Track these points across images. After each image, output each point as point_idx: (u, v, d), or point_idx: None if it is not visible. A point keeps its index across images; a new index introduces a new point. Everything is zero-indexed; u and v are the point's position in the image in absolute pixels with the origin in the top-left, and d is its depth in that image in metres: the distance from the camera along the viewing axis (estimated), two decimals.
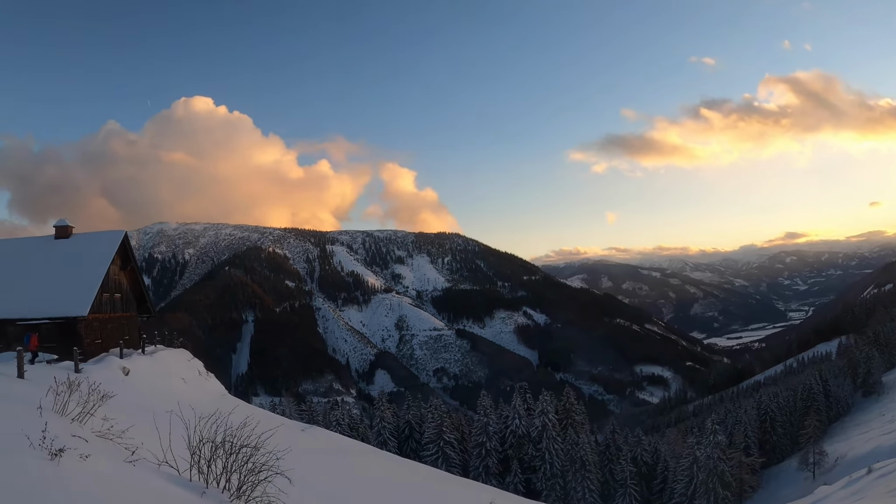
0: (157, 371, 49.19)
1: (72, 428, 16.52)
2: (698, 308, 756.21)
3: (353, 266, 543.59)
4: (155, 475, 15.25)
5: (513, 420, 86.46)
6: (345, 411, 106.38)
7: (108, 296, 52.54)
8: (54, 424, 14.65)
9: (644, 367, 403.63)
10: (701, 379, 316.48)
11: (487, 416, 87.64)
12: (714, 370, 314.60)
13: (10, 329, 47.62)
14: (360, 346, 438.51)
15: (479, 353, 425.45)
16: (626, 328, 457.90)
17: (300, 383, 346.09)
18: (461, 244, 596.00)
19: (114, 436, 17.89)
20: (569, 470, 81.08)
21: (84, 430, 16.95)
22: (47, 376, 30.48)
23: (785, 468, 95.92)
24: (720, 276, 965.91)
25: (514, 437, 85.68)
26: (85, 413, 18.88)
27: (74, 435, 14.74)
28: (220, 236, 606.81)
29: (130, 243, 58.01)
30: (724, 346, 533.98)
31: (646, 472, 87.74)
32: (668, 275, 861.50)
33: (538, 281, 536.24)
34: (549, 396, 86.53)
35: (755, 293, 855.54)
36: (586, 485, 79.91)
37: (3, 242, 61.69)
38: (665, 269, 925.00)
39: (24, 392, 24.14)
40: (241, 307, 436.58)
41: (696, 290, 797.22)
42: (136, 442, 17.65)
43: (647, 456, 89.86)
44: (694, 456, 74.64)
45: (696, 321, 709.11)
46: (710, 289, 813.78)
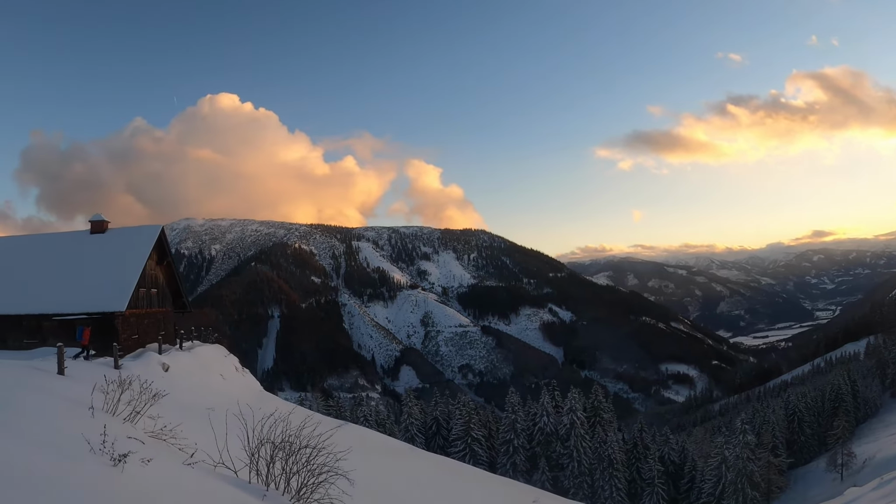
0: (196, 367, 48.90)
1: (125, 429, 16.54)
2: (724, 306, 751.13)
3: (378, 262, 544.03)
4: (214, 478, 15.27)
5: (541, 417, 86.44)
6: (371, 407, 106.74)
7: (145, 291, 51.88)
8: (109, 426, 14.38)
9: (669, 366, 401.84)
10: (727, 378, 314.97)
11: (515, 413, 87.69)
12: (740, 369, 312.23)
13: (45, 324, 47.37)
14: (386, 343, 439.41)
15: (504, 349, 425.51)
16: (652, 326, 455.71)
17: (325, 379, 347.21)
18: (487, 241, 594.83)
19: (167, 436, 17.96)
20: (596, 468, 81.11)
21: (137, 431, 16.97)
22: (87, 372, 30.76)
23: (812, 469, 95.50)
24: (747, 274, 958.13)
25: (541, 435, 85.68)
26: (136, 413, 18.93)
27: (130, 437, 14.69)
28: (246, 232, 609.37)
29: (167, 238, 57.20)
30: (750, 346, 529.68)
31: (673, 472, 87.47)
32: (695, 273, 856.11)
33: (564, 278, 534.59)
34: (577, 394, 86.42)
35: (782, 292, 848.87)
36: (614, 483, 79.90)
37: (38, 237, 61.72)
38: (691, 266, 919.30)
39: (69, 389, 23.65)
40: (267, 303, 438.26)
41: (723, 289, 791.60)
42: (189, 442, 17.82)
43: (675, 455, 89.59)
44: (722, 456, 74.26)
45: (722, 320, 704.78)
46: (736, 287, 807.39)
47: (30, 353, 40.76)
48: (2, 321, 48.58)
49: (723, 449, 75.11)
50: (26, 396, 19.01)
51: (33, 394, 19.96)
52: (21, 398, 18.39)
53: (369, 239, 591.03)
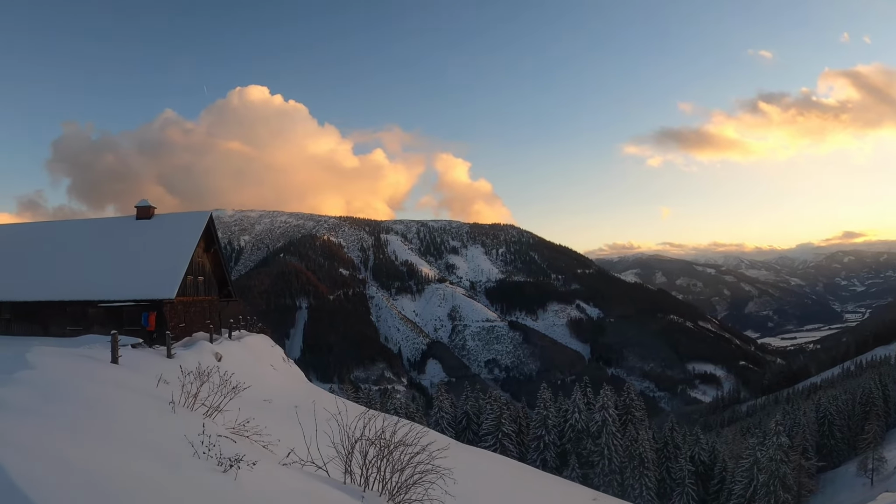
0: (248, 357, 47.82)
1: (209, 426, 15.36)
2: (753, 306, 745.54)
3: (407, 255, 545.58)
4: (314, 480, 14.87)
5: (572, 414, 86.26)
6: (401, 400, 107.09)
7: (192, 278, 50.60)
8: (197, 424, 14.26)
9: (697, 365, 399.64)
10: (754, 379, 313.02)
11: (547, 410, 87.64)
12: (768, 370, 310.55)
13: (90, 311, 46.43)
14: (413, 336, 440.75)
15: (531, 345, 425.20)
16: (680, 325, 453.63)
17: (352, 371, 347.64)
18: (515, 236, 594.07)
19: (248, 432, 17.61)
20: (627, 466, 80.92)
21: (220, 428, 16.46)
22: (142, 362, 30.80)
23: (842, 473, 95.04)
24: (776, 274, 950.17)
25: (573, 432, 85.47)
26: (214, 408, 18.38)
27: (220, 435, 14.04)
28: (275, 224, 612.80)
29: (215, 225, 56.07)
30: (778, 347, 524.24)
31: (702, 472, 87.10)
32: (723, 272, 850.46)
33: (592, 274, 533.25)
34: (609, 391, 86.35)
35: (811, 293, 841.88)
36: (644, 482, 79.81)
37: (83, 223, 60.68)
38: (720, 265, 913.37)
39: (131, 380, 23.10)
40: (295, 294, 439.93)
41: (751, 289, 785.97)
42: (270, 439, 17.68)
43: (705, 455, 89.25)
44: (755, 457, 73.79)
45: (750, 320, 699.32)
46: (765, 287, 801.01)
47: (74, 341, 38.80)
48: (45, 307, 47.81)
49: (755, 450, 74.58)
50: (95, 390, 17.73)
51: (100, 386, 18.77)
52: (91, 392, 17.11)
53: (398, 232, 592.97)
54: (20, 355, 20.01)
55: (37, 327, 47.98)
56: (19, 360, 18.88)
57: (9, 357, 19.91)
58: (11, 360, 19.12)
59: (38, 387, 14.94)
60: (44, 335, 46.54)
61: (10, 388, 13.56)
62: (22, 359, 19.20)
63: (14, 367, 17.54)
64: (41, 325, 47.99)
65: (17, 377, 15.47)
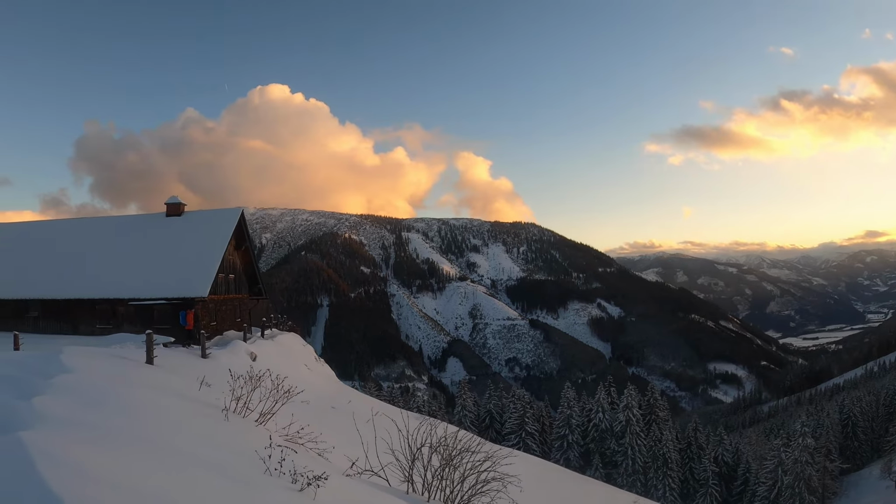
0: (282, 356, 46.62)
1: (263, 434, 15.32)
2: (775, 306, 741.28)
3: (428, 253, 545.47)
4: (374, 490, 14.15)
5: (596, 413, 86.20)
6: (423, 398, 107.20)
7: (223, 276, 50.07)
8: (251, 432, 14.22)
9: (718, 365, 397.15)
10: (776, 379, 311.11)
11: (570, 409, 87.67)
12: (790, 371, 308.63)
13: (120, 309, 46.27)
14: (434, 334, 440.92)
15: (551, 344, 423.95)
16: (701, 324, 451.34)
17: (373, 368, 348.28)
18: (536, 234, 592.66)
19: (302, 439, 16.92)
20: (650, 466, 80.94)
21: (275, 437, 15.44)
22: (178, 362, 30.45)
23: (865, 476, 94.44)
24: (798, 273, 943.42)
25: (596, 431, 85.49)
26: (266, 414, 17.79)
27: (278, 445, 13.13)
28: (296, 221, 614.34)
29: (246, 223, 55.59)
30: (800, 347, 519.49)
31: (726, 473, 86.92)
32: (745, 271, 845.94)
33: (613, 273, 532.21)
34: (633, 391, 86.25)
35: (833, 293, 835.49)
36: (667, 482, 79.79)
37: (112, 220, 60.07)
38: (742, 264, 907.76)
39: (171, 382, 22.67)
40: (316, 291, 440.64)
41: (773, 288, 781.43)
42: (324, 445, 17.18)
43: (728, 456, 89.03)
44: (779, 458, 73.64)
45: (771, 320, 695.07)
46: (787, 287, 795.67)
47: (105, 339, 38.93)
48: (74, 306, 47.86)
49: (780, 452, 74.38)
50: (138, 395, 16.80)
51: (142, 391, 17.84)
52: (134, 398, 16.10)
53: (419, 230, 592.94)
54: (54, 356, 19.51)
55: (66, 325, 47.92)
56: (55, 362, 18.28)
57: (43, 358, 19.42)
58: (46, 361, 18.65)
59: (79, 394, 14.17)
60: (73, 333, 46.67)
61: (50, 397, 12.72)
62: (57, 360, 18.53)
63: (51, 369, 16.96)
64: (70, 323, 47.99)
65: (57, 383, 14.64)
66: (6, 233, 59.23)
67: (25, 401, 11.89)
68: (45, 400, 12.13)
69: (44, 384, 14.24)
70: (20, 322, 47.39)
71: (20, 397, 12.49)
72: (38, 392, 13.10)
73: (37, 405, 11.52)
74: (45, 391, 13.35)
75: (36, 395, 12.47)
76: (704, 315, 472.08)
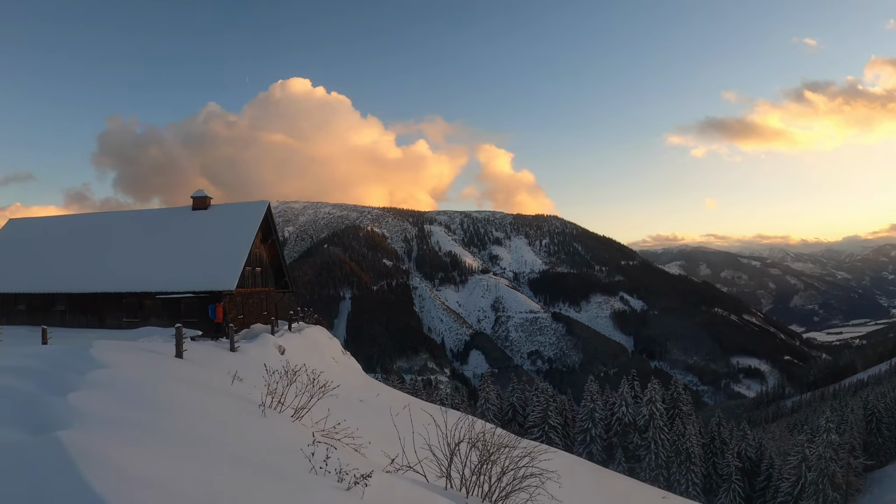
0: (310, 350, 46.40)
1: (302, 430, 15.44)
2: (798, 300, 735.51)
3: (450, 246, 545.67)
4: (413, 487, 13.88)
5: (619, 407, 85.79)
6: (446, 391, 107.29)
7: (250, 269, 49.93)
8: (289, 427, 14.12)
9: (741, 359, 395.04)
10: (799, 374, 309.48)
11: (594, 402, 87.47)
12: (814, 366, 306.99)
13: (146, 303, 46.46)
14: (456, 327, 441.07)
15: (574, 337, 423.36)
16: (724, 318, 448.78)
17: (395, 361, 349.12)
18: (559, 227, 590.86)
19: (338, 434, 16.57)
20: (674, 461, 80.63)
21: (309, 431, 15.47)
22: (207, 356, 30.39)
23: (889, 472, 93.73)
24: (822, 267, 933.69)
25: (619, 425, 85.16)
26: (302, 409, 17.55)
27: (318, 441, 12.77)
28: (318, 215, 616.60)
29: (272, 216, 55.43)
30: (824, 342, 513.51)
31: (749, 469, 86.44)
32: (769, 264, 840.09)
33: (636, 266, 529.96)
34: (657, 385, 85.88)
35: (857, 287, 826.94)
36: (690, 478, 79.34)
37: (138, 213, 60.49)
38: (765, 258, 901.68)
39: (201, 376, 22.39)
40: (339, 284, 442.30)
41: (797, 282, 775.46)
42: (360, 441, 16.96)
43: (752, 451, 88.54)
44: (803, 454, 73.11)
45: (795, 314, 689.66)
46: (810, 280, 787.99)
47: (132, 333, 39.90)
48: (101, 299, 47.95)
49: (804, 447, 73.89)
50: (172, 390, 16.45)
51: (174, 385, 17.47)
52: (168, 393, 15.80)
53: (441, 223, 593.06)
54: (84, 350, 19.52)
55: (92, 319, 48.11)
56: (86, 357, 18.26)
57: (73, 352, 19.24)
58: (77, 355, 18.56)
59: (114, 389, 13.94)
60: (99, 327, 46.94)
61: (85, 393, 12.62)
62: (88, 355, 18.50)
63: (84, 364, 16.89)
64: (97, 316, 48.12)
65: (91, 379, 14.52)
66: (32, 227, 59.83)
67: (61, 397, 11.90)
68: (80, 396, 12.13)
69: (77, 380, 14.18)
70: (47, 316, 48.11)
71: (55, 393, 12.51)
72: (73, 388, 13.03)
73: (72, 402, 11.50)
74: (80, 387, 13.26)
75: (71, 392, 12.48)
76: (727, 309, 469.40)
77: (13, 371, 15.02)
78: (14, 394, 12.53)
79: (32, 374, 14.83)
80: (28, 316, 49.56)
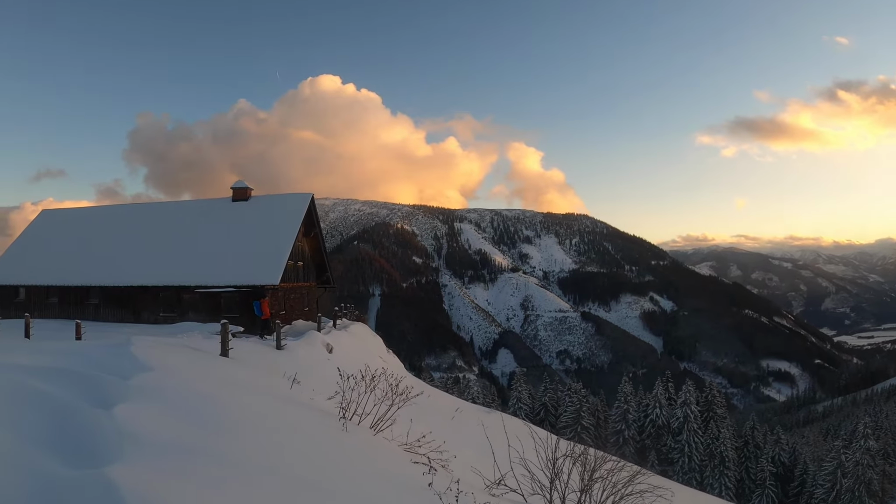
0: (357, 348, 43.89)
1: (387, 445, 14.10)
2: (830, 303, 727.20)
3: (480, 244, 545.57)
4: None
5: (653, 409, 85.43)
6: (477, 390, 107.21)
7: (292, 263, 48.09)
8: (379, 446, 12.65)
9: (771, 362, 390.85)
10: (830, 378, 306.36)
11: (627, 404, 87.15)
12: (845, 370, 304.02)
13: (184, 297, 45.33)
14: (485, 325, 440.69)
15: (603, 336, 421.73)
16: (755, 320, 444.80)
17: (423, 358, 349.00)
18: (589, 226, 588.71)
19: (422, 448, 15.33)
20: (707, 465, 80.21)
21: (394, 446, 14.54)
22: (250, 354, 28.29)
23: None
24: (854, 270, 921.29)
25: (653, 427, 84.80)
26: (382, 419, 16.17)
27: (415, 461, 12.15)
28: (349, 211, 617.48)
29: (316, 208, 53.69)
30: (855, 346, 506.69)
31: (782, 474, 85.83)
32: (800, 266, 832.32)
33: (666, 266, 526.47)
34: (691, 387, 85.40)
35: (890, 290, 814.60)
36: (723, 482, 78.84)
37: (177, 205, 58.92)
38: (797, 259, 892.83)
39: (257, 380, 20.54)
40: (368, 281, 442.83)
41: (829, 284, 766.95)
42: (445, 454, 15.62)
43: (785, 456, 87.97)
44: (839, 460, 72.58)
45: (826, 317, 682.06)
46: (842, 283, 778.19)
47: (170, 328, 38.97)
48: (136, 293, 46.73)
49: (839, 453, 73.30)
50: (232, 399, 14.57)
51: (232, 392, 15.76)
52: (229, 403, 13.93)
53: (471, 221, 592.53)
54: (124, 348, 17.85)
55: (127, 313, 47.02)
56: (127, 356, 16.62)
57: (112, 351, 17.58)
58: (117, 354, 17.00)
59: (164, 399, 12.13)
60: (134, 321, 46.03)
61: (134, 406, 10.91)
62: (129, 354, 16.87)
63: (126, 365, 15.22)
64: (132, 310, 47.02)
65: (137, 385, 12.73)
66: (66, 218, 58.85)
67: (105, 410, 10.25)
68: (128, 410, 10.43)
69: (122, 386, 12.39)
70: (80, 309, 47.41)
71: (97, 404, 10.81)
72: (118, 398, 11.39)
73: (120, 418, 9.84)
74: (126, 397, 11.57)
75: (116, 404, 10.76)
76: (758, 310, 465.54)
77: (47, 373, 13.03)
78: (49, 404, 10.47)
79: (69, 377, 12.88)
80: (60, 309, 48.89)
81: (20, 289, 51.38)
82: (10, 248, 55.94)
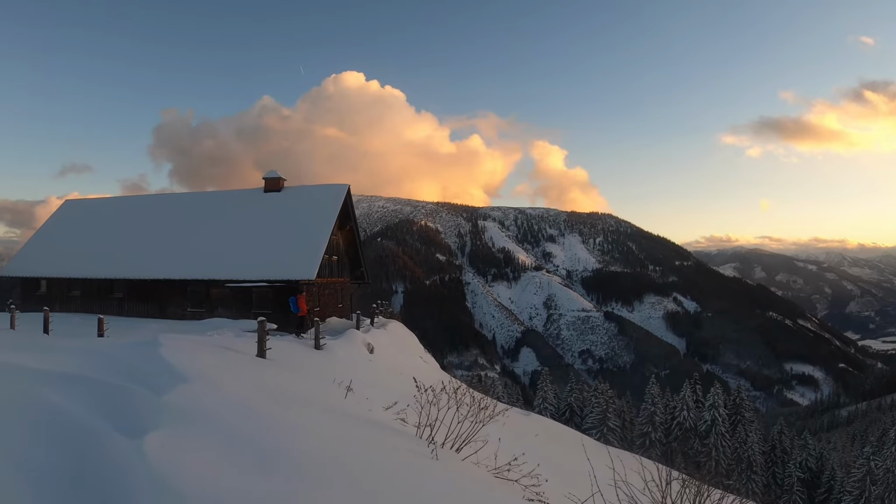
0: (397, 348, 42.51)
1: (473, 470, 12.13)
2: (854, 306, 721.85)
3: (504, 242, 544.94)
4: None
5: (680, 412, 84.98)
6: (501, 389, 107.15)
7: (327, 258, 46.15)
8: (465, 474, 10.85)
9: (794, 365, 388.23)
10: (854, 383, 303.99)
11: (654, 405, 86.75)
12: (870, 375, 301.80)
13: (214, 291, 44.23)
14: (507, 323, 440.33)
15: (626, 337, 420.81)
16: (779, 322, 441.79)
17: (445, 356, 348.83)
18: (613, 225, 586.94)
19: (512, 472, 13.24)
20: (734, 469, 79.69)
21: (481, 470, 12.53)
22: (288, 355, 26.03)
23: None
24: (879, 273, 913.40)
25: (680, 430, 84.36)
26: (463, 438, 13.43)
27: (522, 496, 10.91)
28: (373, 208, 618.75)
29: (352, 200, 52.03)
30: (879, 350, 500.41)
31: (809, 480, 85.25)
32: (825, 269, 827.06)
33: (690, 267, 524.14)
34: (719, 390, 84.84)
35: None
36: (750, 487, 78.39)
37: (206, 195, 57.29)
38: (822, 262, 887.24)
39: (304, 388, 17.75)
40: (392, 278, 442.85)
41: (854, 288, 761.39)
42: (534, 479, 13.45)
43: (812, 462, 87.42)
44: (868, 467, 71.90)
45: (851, 320, 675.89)
46: (867, 287, 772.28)
47: (198, 325, 37.83)
48: (162, 286, 45.59)
49: (869, 460, 72.59)
50: (285, 416, 11.62)
51: (283, 406, 12.66)
52: (284, 423, 10.89)
53: (495, 219, 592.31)
54: (152, 349, 15.49)
55: (153, 308, 45.96)
56: (157, 359, 14.12)
57: (140, 353, 15.27)
58: (146, 357, 14.57)
59: (214, 428, 8.98)
60: (160, 316, 44.84)
61: (172, 437, 8.06)
62: (158, 356, 14.41)
63: (157, 372, 12.69)
64: (158, 305, 45.99)
65: (172, 403, 9.91)
66: (90, 209, 57.73)
67: (134, 440, 7.66)
68: (163, 445, 7.66)
69: (154, 405, 9.63)
70: (104, 303, 46.63)
71: (125, 429, 8.19)
72: (149, 423, 8.55)
73: (154, 459, 7.04)
74: (159, 422, 8.61)
75: (148, 432, 8.03)
76: (782, 313, 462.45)
77: (61, 381, 10.78)
78: (62, 428, 8.13)
79: (88, 387, 10.42)
80: (83, 303, 47.78)
81: (42, 281, 50.43)
82: (32, 238, 55.05)
